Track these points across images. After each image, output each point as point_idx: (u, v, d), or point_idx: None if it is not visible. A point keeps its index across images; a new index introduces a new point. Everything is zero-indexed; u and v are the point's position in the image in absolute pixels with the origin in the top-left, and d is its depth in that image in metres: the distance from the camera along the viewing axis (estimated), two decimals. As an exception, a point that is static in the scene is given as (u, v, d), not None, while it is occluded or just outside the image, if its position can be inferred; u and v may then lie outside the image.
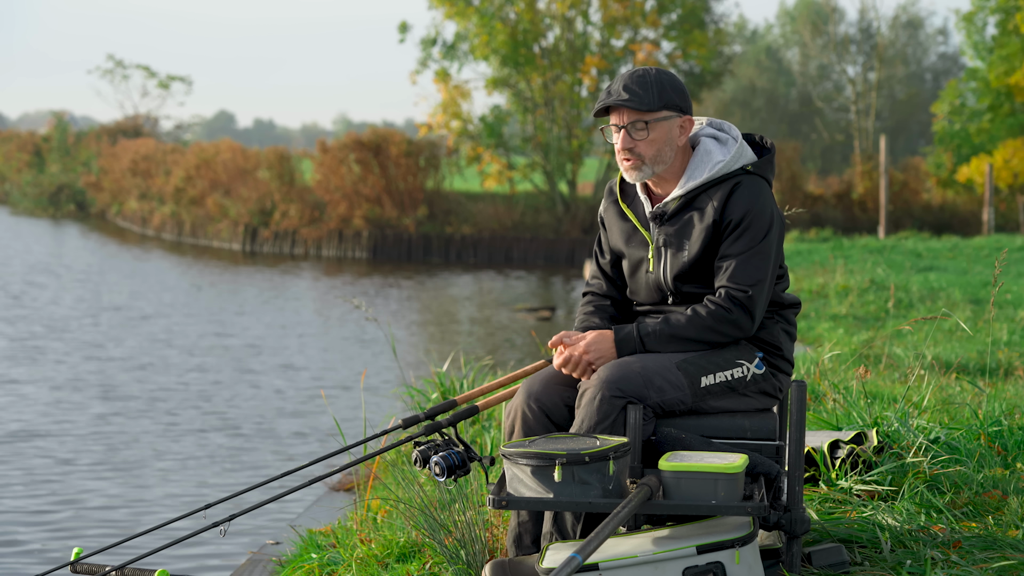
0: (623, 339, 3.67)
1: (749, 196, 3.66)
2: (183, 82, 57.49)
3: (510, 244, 32.78)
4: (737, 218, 3.65)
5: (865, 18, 51.45)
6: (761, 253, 3.65)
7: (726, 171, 3.70)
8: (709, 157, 3.73)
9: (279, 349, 16.28)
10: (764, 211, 3.66)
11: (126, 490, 8.98)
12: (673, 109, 3.69)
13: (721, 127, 3.82)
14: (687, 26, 36.85)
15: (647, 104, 3.66)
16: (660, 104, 3.67)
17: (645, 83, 3.68)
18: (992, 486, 4.29)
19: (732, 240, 3.65)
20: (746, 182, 3.69)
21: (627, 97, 3.66)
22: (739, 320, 3.62)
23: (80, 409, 11.84)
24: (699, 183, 3.70)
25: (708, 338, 3.64)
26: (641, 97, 3.66)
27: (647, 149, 3.69)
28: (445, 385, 6.89)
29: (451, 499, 4.19)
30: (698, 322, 3.63)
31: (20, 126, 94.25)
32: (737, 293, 3.62)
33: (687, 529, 3.38)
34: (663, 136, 3.69)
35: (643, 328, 3.66)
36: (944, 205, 35.09)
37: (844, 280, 14.18)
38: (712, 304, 3.63)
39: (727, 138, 3.78)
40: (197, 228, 36.36)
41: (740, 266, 3.63)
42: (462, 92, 36.22)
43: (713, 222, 3.66)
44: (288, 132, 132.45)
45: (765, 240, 3.65)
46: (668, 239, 3.73)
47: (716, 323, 3.62)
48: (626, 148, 3.70)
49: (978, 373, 7.65)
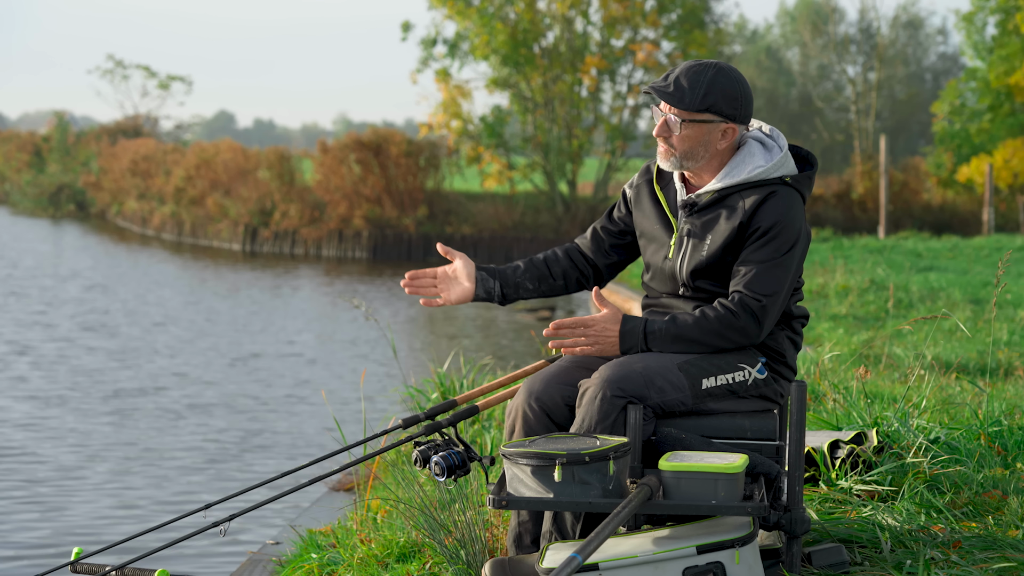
0: (628, 332, 3.63)
1: (781, 207, 3.62)
2: (183, 82, 57.49)
3: (510, 244, 32.77)
4: (765, 226, 3.61)
5: (865, 18, 51.47)
6: (782, 265, 3.61)
7: (764, 177, 3.66)
8: (751, 159, 3.69)
9: (279, 349, 16.27)
10: (793, 224, 3.63)
11: (126, 490, 8.98)
12: (717, 114, 3.63)
13: (771, 134, 3.78)
14: (687, 26, 36.84)
15: (687, 104, 3.60)
16: (702, 106, 3.61)
17: (696, 81, 3.61)
18: (992, 486, 4.29)
19: (756, 247, 3.62)
20: (781, 192, 3.65)
21: (671, 91, 3.61)
22: (747, 328, 3.60)
23: (80, 409, 11.84)
24: (735, 183, 3.66)
25: (712, 342, 3.61)
26: (684, 94, 3.60)
27: (679, 144, 3.66)
28: (445, 385, 6.89)
29: (451, 499, 4.19)
30: (704, 325, 3.60)
31: (20, 126, 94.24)
32: (750, 301, 3.59)
33: (687, 529, 3.38)
34: (699, 136, 3.64)
35: (649, 325, 3.63)
36: (944, 205, 35.09)
37: (844, 280, 14.18)
38: (722, 308, 3.60)
39: (773, 145, 3.74)
40: (197, 228, 36.36)
41: (759, 274, 3.60)
42: (463, 92, 36.22)
43: (740, 224, 3.62)
44: (288, 132, 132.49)
45: (788, 254, 3.62)
46: (693, 230, 3.69)
47: (723, 328, 3.59)
48: (661, 135, 3.68)
49: (978, 373, 7.65)
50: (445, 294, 3.82)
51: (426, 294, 3.80)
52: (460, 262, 3.83)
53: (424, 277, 3.81)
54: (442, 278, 3.83)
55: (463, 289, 3.82)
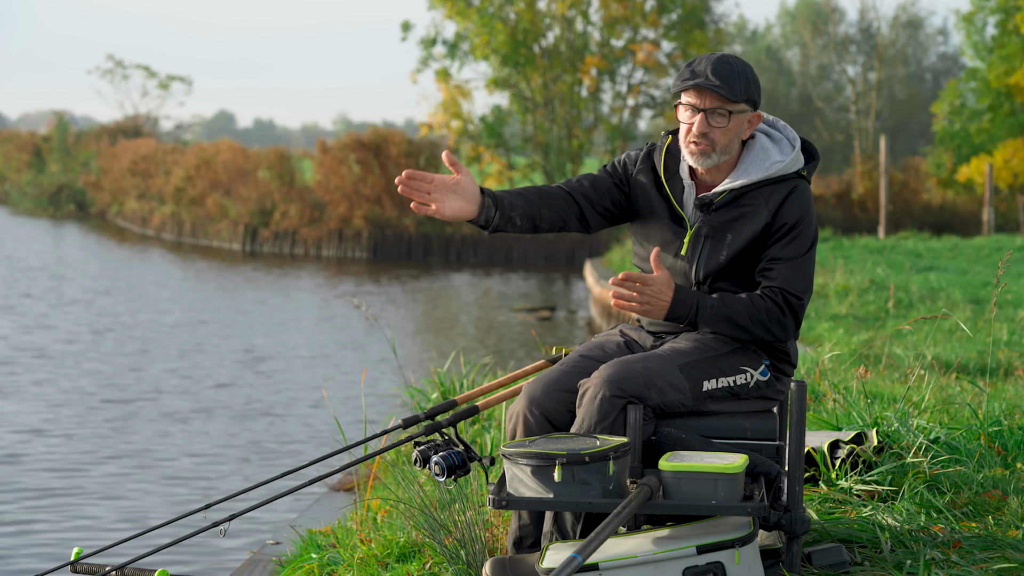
0: (680, 301, 3.55)
1: (804, 202, 3.63)
2: (183, 82, 57.54)
3: (510, 244, 32.78)
4: (792, 222, 3.61)
5: (865, 18, 51.45)
6: (809, 261, 3.63)
7: (783, 173, 3.65)
8: (766, 155, 3.67)
9: (279, 349, 16.27)
10: (813, 220, 3.65)
11: (126, 490, 8.98)
12: (751, 103, 3.64)
13: (775, 125, 3.77)
14: (687, 26, 36.84)
15: (735, 94, 3.58)
16: (744, 96, 3.60)
17: (733, 72, 3.59)
18: (992, 486, 4.29)
19: (784, 244, 3.61)
20: (801, 187, 3.65)
21: (717, 83, 3.56)
22: (788, 325, 3.59)
23: (80, 409, 11.84)
24: (754, 180, 3.64)
25: (756, 332, 3.59)
26: (731, 86, 3.57)
27: (721, 138, 3.62)
28: (445, 385, 6.88)
29: (451, 499, 4.19)
30: (755, 314, 3.57)
31: (20, 126, 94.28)
32: (792, 299, 3.58)
33: (687, 529, 3.38)
34: (736, 128, 3.63)
35: (702, 300, 3.56)
36: (944, 205, 35.06)
37: (844, 280, 14.17)
38: (769, 300, 3.58)
39: (781, 138, 3.73)
40: (197, 228, 36.36)
41: (793, 271, 3.59)
42: (463, 92, 36.23)
43: (765, 223, 3.61)
44: (288, 132, 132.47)
45: (811, 250, 3.64)
46: (711, 230, 3.65)
47: (770, 320, 3.58)
48: (701, 133, 3.61)
49: (978, 373, 7.65)
50: (439, 204, 3.58)
51: (418, 198, 3.58)
52: (465, 179, 3.61)
53: (421, 180, 3.57)
54: (439, 186, 3.58)
55: (460, 206, 3.59)
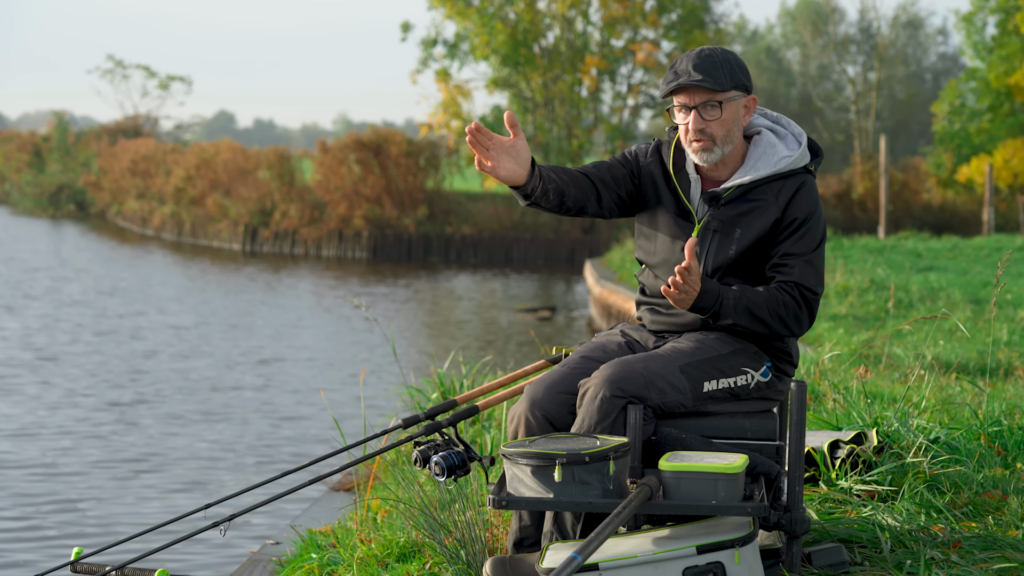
0: (706, 291, 3.53)
1: (813, 198, 3.65)
2: (183, 82, 57.53)
3: (510, 244, 32.77)
4: (802, 217, 3.62)
5: (865, 18, 51.48)
6: (820, 257, 3.64)
7: (792, 167, 3.66)
8: (773, 150, 3.68)
9: (279, 349, 16.27)
10: (822, 216, 3.67)
11: (126, 490, 8.98)
12: (741, 89, 3.64)
13: (778, 120, 3.77)
14: (687, 26, 36.87)
15: (720, 84, 3.59)
16: (731, 84, 3.61)
17: (714, 63, 3.60)
18: (992, 486, 4.29)
19: (795, 239, 3.61)
20: (809, 183, 3.67)
21: (700, 77, 3.58)
22: (803, 320, 3.60)
23: (80, 409, 11.84)
24: (763, 176, 3.64)
25: (773, 325, 3.59)
26: (714, 77, 3.58)
27: (719, 129, 3.63)
28: (445, 385, 6.88)
29: (451, 499, 4.19)
30: (774, 308, 3.57)
31: (20, 126, 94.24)
32: (808, 293, 3.59)
33: (687, 529, 3.38)
34: (732, 116, 3.64)
35: (724, 291, 3.55)
36: (944, 205, 35.08)
37: (844, 280, 14.17)
38: (787, 294, 3.58)
39: (786, 134, 3.73)
40: (197, 228, 36.36)
41: (807, 267, 3.60)
42: (463, 92, 36.25)
43: (775, 218, 3.62)
44: (288, 132, 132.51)
45: (821, 246, 3.65)
46: (719, 225, 3.66)
47: (787, 315, 3.58)
48: (698, 129, 3.62)
49: (978, 373, 7.65)
50: (495, 163, 3.62)
51: (480, 153, 3.63)
52: (521, 143, 3.63)
53: (486, 137, 3.61)
54: (498, 146, 3.62)
55: (514, 168, 3.63)
